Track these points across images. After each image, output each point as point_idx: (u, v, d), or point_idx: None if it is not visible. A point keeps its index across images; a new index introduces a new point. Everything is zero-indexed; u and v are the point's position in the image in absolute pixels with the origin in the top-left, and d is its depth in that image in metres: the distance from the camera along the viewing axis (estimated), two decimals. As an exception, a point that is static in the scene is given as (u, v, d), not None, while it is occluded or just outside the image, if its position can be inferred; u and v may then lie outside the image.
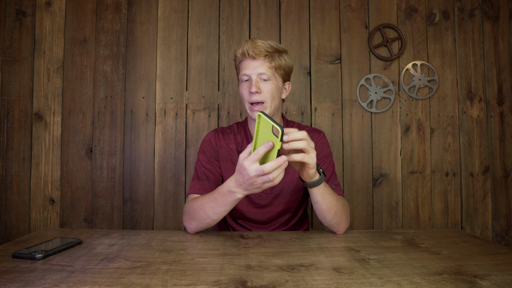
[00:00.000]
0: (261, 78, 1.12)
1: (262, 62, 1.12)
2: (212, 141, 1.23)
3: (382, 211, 1.74)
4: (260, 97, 1.12)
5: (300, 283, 0.66)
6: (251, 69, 1.12)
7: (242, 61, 1.15)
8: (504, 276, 0.69)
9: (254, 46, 1.10)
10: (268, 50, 1.11)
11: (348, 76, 1.77)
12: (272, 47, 1.13)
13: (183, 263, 0.76)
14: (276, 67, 1.14)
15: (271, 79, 1.14)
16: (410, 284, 0.65)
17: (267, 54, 1.12)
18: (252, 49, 1.10)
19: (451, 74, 1.78)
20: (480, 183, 1.77)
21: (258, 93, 1.11)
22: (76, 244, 0.89)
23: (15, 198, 1.67)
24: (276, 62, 1.14)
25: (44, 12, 1.71)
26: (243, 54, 1.13)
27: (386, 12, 1.78)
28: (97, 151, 1.70)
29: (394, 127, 1.76)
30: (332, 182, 1.20)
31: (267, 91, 1.12)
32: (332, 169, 1.23)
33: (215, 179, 1.18)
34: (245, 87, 1.14)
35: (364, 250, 0.88)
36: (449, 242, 0.96)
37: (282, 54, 1.16)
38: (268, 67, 1.12)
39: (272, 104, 1.14)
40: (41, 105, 1.69)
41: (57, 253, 0.82)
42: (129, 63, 1.72)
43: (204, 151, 1.23)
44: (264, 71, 1.12)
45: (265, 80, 1.13)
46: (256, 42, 1.12)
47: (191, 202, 1.05)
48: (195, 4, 1.75)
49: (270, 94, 1.13)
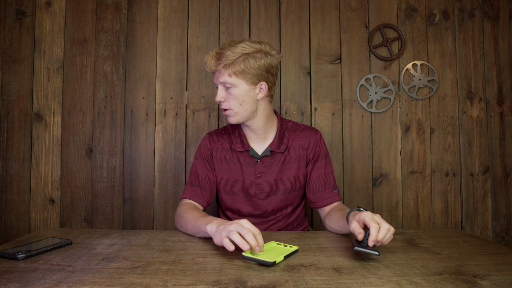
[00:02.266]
0: (225, 86, 1.14)
1: (223, 72, 1.12)
2: (207, 145, 1.27)
3: (382, 211, 1.74)
4: (225, 105, 1.16)
5: (300, 283, 0.66)
6: (215, 79, 1.16)
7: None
8: (504, 276, 0.69)
9: (210, 58, 1.13)
10: (217, 58, 1.12)
11: (348, 76, 1.77)
12: (221, 53, 1.11)
13: (183, 263, 0.76)
14: (238, 73, 1.11)
15: (235, 85, 1.13)
16: (410, 284, 0.65)
17: (226, 64, 1.10)
18: (209, 63, 1.13)
19: (451, 74, 1.78)
20: (480, 183, 1.77)
21: (223, 102, 1.15)
22: (65, 245, 0.88)
23: (15, 198, 1.67)
24: (236, 68, 1.11)
25: (44, 12, 1.71)
26: (205, 65, 1.16)
27: (386, 12, 1.78)
28: (97, 151, 1.70)
29: (394, 127, 1.76)
30: (332, 188, 1.21)
31: (231, 98, 1.14)
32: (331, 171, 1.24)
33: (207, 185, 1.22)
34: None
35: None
36: (449, 242, 0.96)
37: (248, 57, 1.11)
38: (227, 75, 1.12)
39: (240, 110, 1.15)
40: (41, 105, 1.69)
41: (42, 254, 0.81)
42: (129, 63, 1.72)
43: (200, 157, 1.27)
44: (224, 80, 1.12)
45: (228, 88, 1.14)
46: (211, 54, 1.13)
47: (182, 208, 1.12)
48: (195, 4, 1.75)
49: (235, 101, 1.14)
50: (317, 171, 1.22)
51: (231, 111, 1.15)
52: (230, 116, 1.17)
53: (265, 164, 1.21)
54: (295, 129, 1.27)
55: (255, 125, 1.20)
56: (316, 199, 1.21)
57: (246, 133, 1.24)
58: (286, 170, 1.22)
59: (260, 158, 1.21)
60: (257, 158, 1.21)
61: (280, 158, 1.22)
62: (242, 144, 1.22)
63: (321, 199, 1.20)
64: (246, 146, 1.22)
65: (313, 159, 1.23)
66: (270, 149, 1.21)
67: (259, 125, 1.21)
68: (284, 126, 1.26)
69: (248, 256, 0.76)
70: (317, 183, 1.21)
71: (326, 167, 1.23)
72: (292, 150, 1.23)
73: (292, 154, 1.23)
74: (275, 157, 1.22)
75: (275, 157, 1.22)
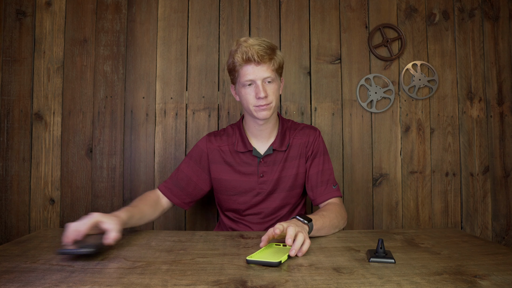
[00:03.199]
0: (266, 81, 1.13)
1: (268, 67, 1.11)
2: (203, 149, 1.27)
3: (382, 211, 1.74)
4: (267, 100, 1.13)
5: (300, 283, 0.66)
6: (255, 74, 1.11)
7: (244, 66, 1.12)
8: (504, 276, 0.69)
9: (257, 50, 1.08)
10: (268, 52, 1.11)
11: (348, 76, 1.77)
12: (269, 48, 1.12)
13: (183, 263, 0.76)
14: (277, 68, 1.16)
15: (274, 80, 1.15)
16: (410, 284, 0.65)
17: (270, 58, 1.12)
18: (256, 54, 1.08)
19: (451, 74, 1.78)
20: (480, 183, 1.77)
21: (266, 97, 1.12)
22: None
23: (15, 198, 1.67)
24: (277, 64, 1.15)
25: (44, 12, 1.71)
26: (247, 60, 1.10)
27: (386, 12, 1.78)
28: (97, 151, 1.70)
29: (394, 127, 1.76)
30: (331, 184, 1.22)
31: (272, 93, 1.14)
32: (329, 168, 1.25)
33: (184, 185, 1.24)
34: (250, 92, 1.14)
35: (364, 250, 0.88)
36: (449, 242, 0.96)
37: (276, 51, 1.16)
38: (272, 70, 1.13)
39: (275, 103, 1.17)
40: (41, 105, 1.69)
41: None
42: (129, 63, 1.72)
43: (190, 156, 1.28)
44: (269, 75, 1.12)
45: (269, 82, 1.14)
46: (254, 45, 1.09)
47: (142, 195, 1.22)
48: (195, 4, 1.75)
49: (275, 95, 1.15)
50: (315, 168, 1.23)
51: (272, 104, 1.15)
52: (267, 110, 1.14)
53: (267, 163, 1.22)
54: (295, 128, 1.28)
55: (268, 123, 1.21)
56: (314, 196, 1.22)
57: (251, 133, 1.24)
58: (287, 169, 1.22)
59: (263, 157, 1.21)
60: (260, 158, 1.21)
61: (282, 156, 1.22)
62: (244, 145, 1.23)
63: (319, 195, 1.21)
64: (248, 147, 1.22)
65: (312, 156, 1.24)
66: (272, 148, 1.21)
67: (271, 122, 1.22)
68: (285, 125, 1.27)
69: (252, 259, 0.76)
70: (315, 179, 1.21)
71: (324, 164, 1.24)
72: (293, 149, 1.24)
73: (292, 152, 1.23)
74: (277, 155, 1.22)
75: (277, 155, 1.22)
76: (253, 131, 1.23)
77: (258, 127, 1.21)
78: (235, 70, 1.17)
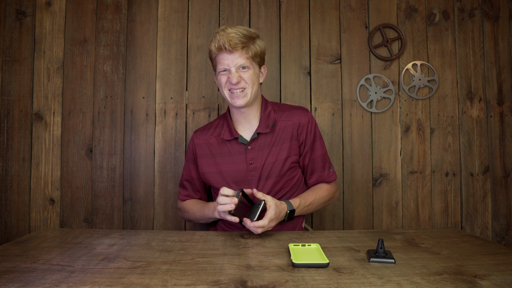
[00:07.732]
0: (240, 68, 1.16)
1: (240, 54, 1.14)
2: (191, 146, 1.34)
3: (382, 211, 1.74)
4: (240, 84, 1.16)
5: (300, 283, 0.66)
6: (229, 62, 1.15)
7: (218, 54, 1.17)
8: (504, 276, 0.69)
9: (229, 38, 1.12)
10: (243, 40, 1.13)
11: (348, 76, 1.77)
12: (245, 35, 1.14)
13: (183, 263, 0.76)
14: (253, 56, 1.17)
15: (249, 67, 1.17)
16: (410, 284, 0.65)
17: (243, 46, 1.14)
18: (228, 42, 1.11)
19: (451, 74, 1.78)
20: (480, 183, 1.77)
21: (239, 82, 1.16)
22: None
23: (15, 198, 1.67)
24: (253, 52, 1.17)
25: (44, 12, 1.71)
26: (219, 48, 1.14)
27: (386, 12, 1.78)
28: (97, 151, 1.70)
29: (394, 127, 1.76)
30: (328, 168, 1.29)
31: (246, 78, 1.16)
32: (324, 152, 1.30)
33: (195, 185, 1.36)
34: (223, 79, 1.18)
35: (364, 250, 0.88)
36: (449, 242, 0.96)
37: (255, 40, 1.18)
38: (246, 58, 1.15)
39: (252, 90, 1.18)
40: (41, 105, 1.69)
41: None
42: (129, 63, 1.72)
43: (187, 159, 1.37)
44: (242, 63, 1.15)
45: (243, 69, 1.16)
46: (229, 33, 1.12)
47: (182, 205, 1.37)
48: (195, 4, 1.75)
49: (250, 82, 1.17)
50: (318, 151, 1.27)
51: (247, 91, 1.17)
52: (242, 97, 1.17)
53: (255, 149, 1.22)
54: (283, 110, 1.28)
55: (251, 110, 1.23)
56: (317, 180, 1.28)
57: (236, 121, 1.26)
58: (277, 153, 1.22)
59: (249, 143, 1.21)
60: (246, 144, 1.21)
61: (270, 140, 1.22)
62: (230, 132, 1.24)
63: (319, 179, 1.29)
64: (234, 134, 1.23)
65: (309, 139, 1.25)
66: (257, 132, 1.22)
67: (253, 108, 1.23)
68: (268, 108, 1.27)
69: (299, 263, 0.75)
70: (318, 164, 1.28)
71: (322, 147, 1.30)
72: (281, 132, 1.23)
73: (282, 135, 1.23)
74: (265, 140, 1.22)
75: (265, 140, 1.22)
76: (237, 118, 1.25)
77: (240, 114, 1.23)
78: (212, 58, 1.23)
